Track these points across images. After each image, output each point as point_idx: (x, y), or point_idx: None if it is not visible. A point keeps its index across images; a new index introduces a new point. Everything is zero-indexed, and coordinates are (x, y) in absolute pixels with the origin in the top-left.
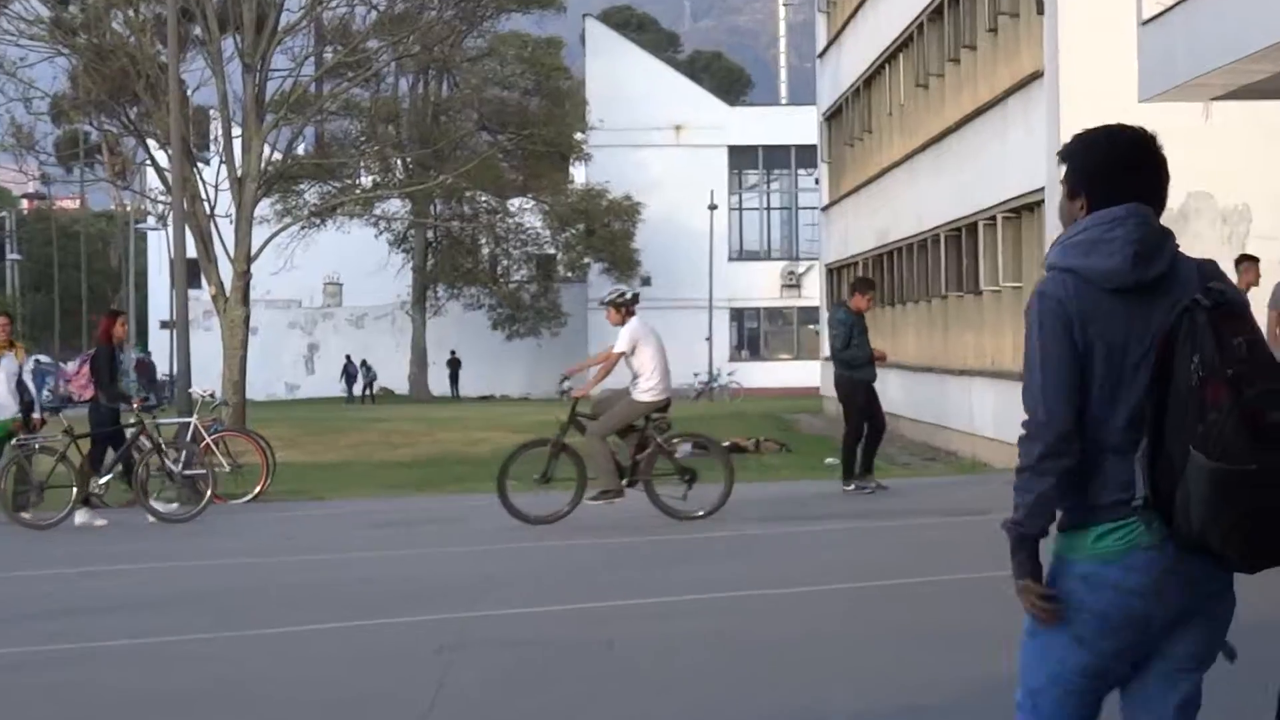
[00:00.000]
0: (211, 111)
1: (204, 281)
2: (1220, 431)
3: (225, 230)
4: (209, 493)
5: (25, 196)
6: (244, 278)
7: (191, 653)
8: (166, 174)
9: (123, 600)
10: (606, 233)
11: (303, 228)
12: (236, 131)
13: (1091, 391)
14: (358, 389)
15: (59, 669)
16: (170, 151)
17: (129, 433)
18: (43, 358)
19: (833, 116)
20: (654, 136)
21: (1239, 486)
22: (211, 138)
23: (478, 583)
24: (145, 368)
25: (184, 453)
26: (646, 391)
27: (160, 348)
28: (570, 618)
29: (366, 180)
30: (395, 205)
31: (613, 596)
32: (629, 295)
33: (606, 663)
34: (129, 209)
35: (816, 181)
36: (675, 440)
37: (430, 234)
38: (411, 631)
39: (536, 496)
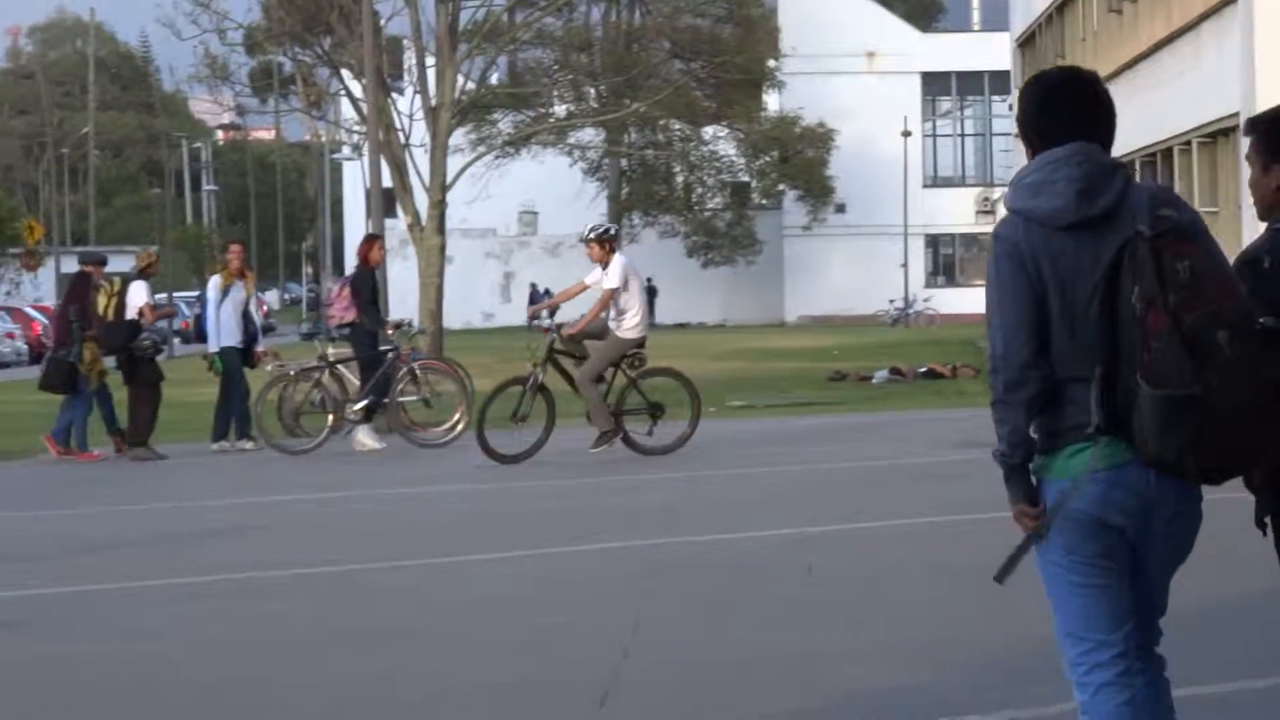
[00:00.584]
0: (405, 41)
1: (399, 211)
2: (1163, 359)
3: (420, 160)
4: (407, 422)
5: (221, 128)
6: (439, 207)
7: (395, 583)
8: (361, 104)
9: (332, 528)
10: (800, 160)
11: (497, 157)
12: (430, 61)
13: (1051, 325)
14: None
15: (267, 598)
16: (364, 82)
17: (388, 357)
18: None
19: (1025, 43)
20: (846, 64)
21: (1184, 410)
22: (405, 67)
23: (665, 511)
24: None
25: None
26: (631, 329)
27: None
28: (770, 543)
29: (560, 109)
30: (589, 134)
31: (811, 522)
32: (612, 230)
33: (806, 586)
34: (324, 139)
35: (1010, 108)
36: (647, 376)
37: (624, 162)
38: (608, 558)
39: (511, 435)
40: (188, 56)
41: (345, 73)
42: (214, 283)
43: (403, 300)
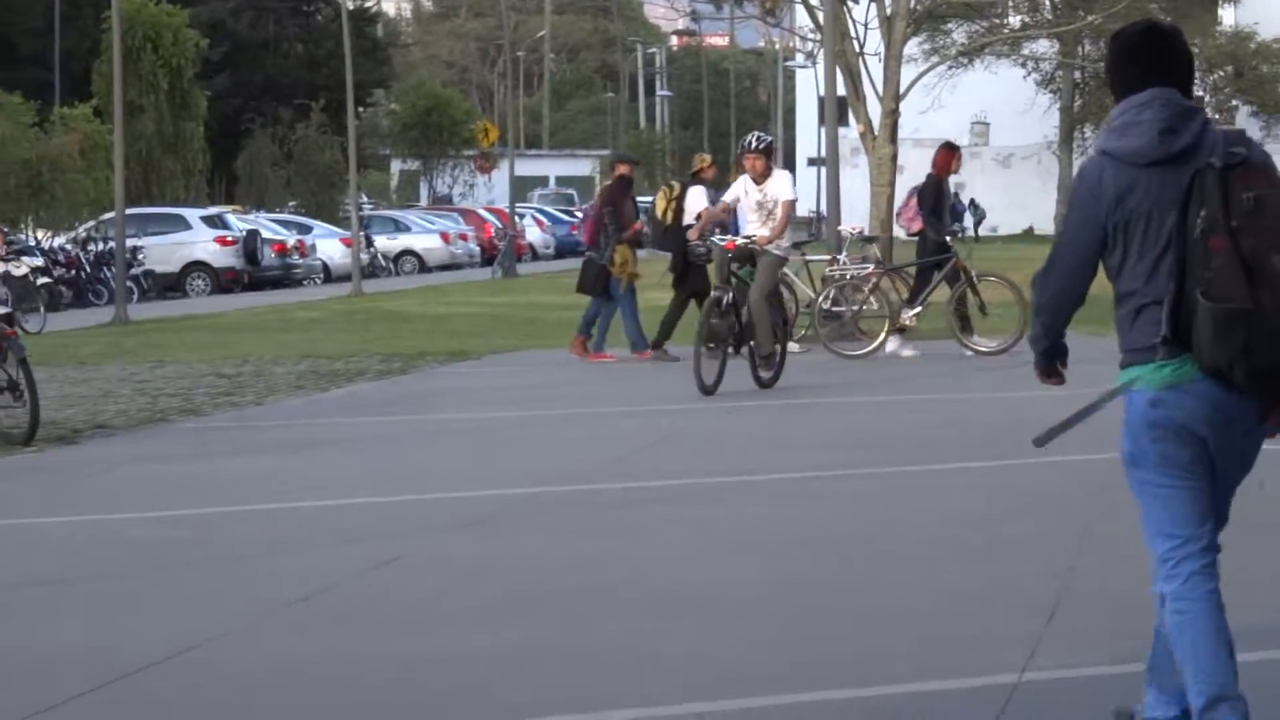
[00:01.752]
0: None
1: (851, 119)
2: (1220, 277)
3: (874, 69)
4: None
5: (675, 33)
6: (892, 116)
7: (842, 490)
8: (817, 11)
9: (794, 437)
10: (1254, 75)
11: (950, 67)
12: None
13: (1133, 255)
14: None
15: (716, 503)
16: None
17: (945, 265)
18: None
19: None
20: None
21: (1235, 323)
22: None
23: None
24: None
25: (833, 290)
26: (784, 249)
27: (807, 184)
28: None
29: (1014, 20)
30: (1043, 45)
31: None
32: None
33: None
34: (777, 46)
35: None
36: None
37: (1078, 74)
38: (1057, 471)
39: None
40: None
41: None
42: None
43: (852, 209)
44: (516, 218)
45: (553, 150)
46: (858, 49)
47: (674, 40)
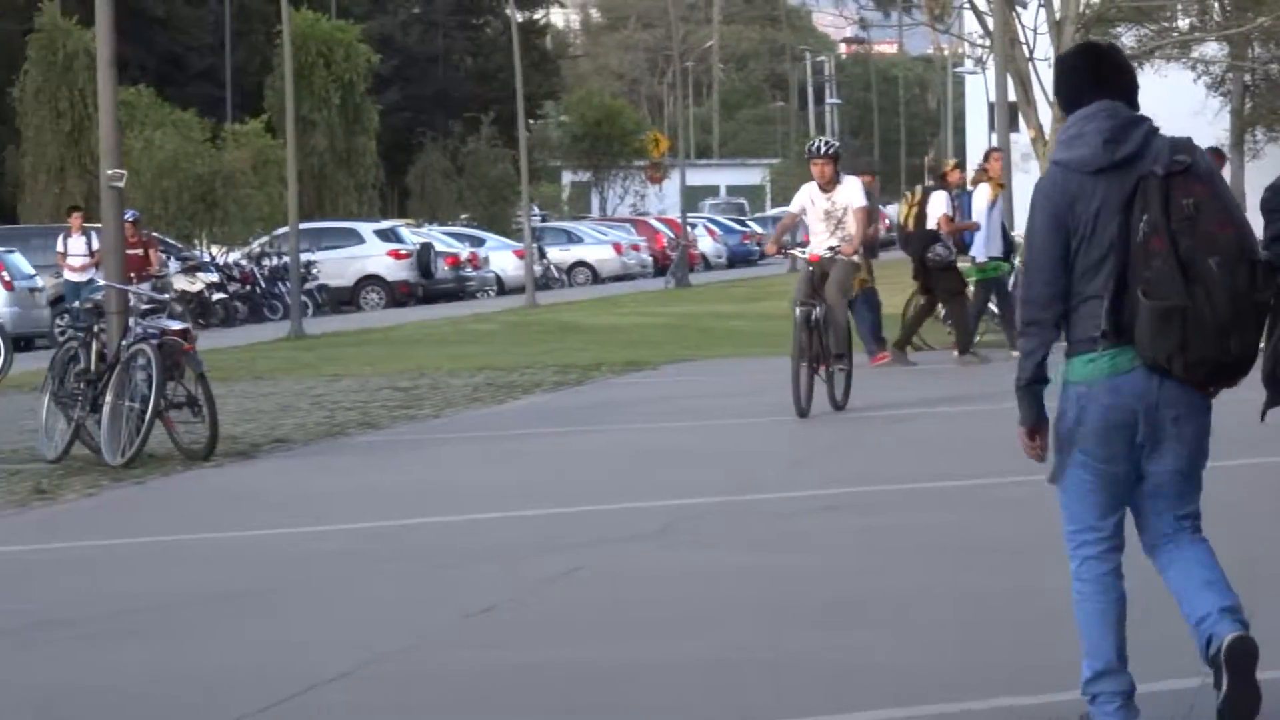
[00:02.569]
0: None
1: (1022, 125)
2: (1159, 276)
3: (1044, 73)
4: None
5: (844, 41)
6: (1061, 121)
7: (1007, 496)
8: (986, 17)
9: (958, 443)
10: None
11: None
12: None
13: (1081, 257)
14: None
15: (891, 511)
16: None
17: None
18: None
19: None
20: None
21: (1173, 320)
22: None
23: None
24: None
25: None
26: (859, 252)
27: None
28: None
29: (1183, 23)
30: (1213, 48)
31: None
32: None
33: None
34: (946, 53)
35: None
36: None
37: (1248, 77)
38: (1225, 476)
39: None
40: None
41: None
42: (982, 190)
43: (1024, 214)
44: (688, 227)
45: (723, 160)
46: (1027, 54)
47: (842, 48)
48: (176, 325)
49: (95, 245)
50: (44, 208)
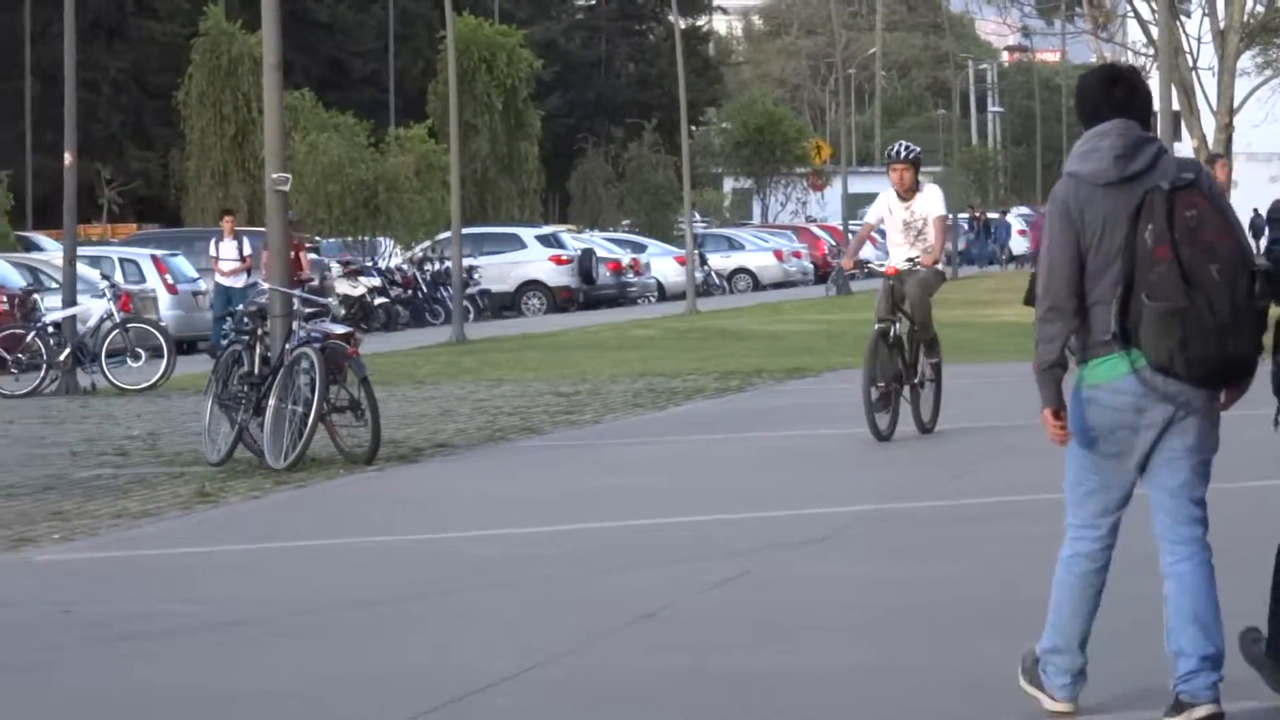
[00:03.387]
0: None
1: (1185, 134)
2: (1162, 281)
3: (1206, 83)
4: None
5: (1007, 49)
6: (1226, 131)
7: None
8: (1150, 26)
9: None
10: None
11: None
12: None
13: (1090, 261)
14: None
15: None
16: (1154, 4)
17: None
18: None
19: None
20: None
21: (1174, 321)
22: None
23: None
24: None
25: None
26: (942, 263)
27: None
28: None
29: None
30: None
31: None
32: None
33: None
34: (1110, 61)
35: None
36: None
37: None
38: None
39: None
40: None
41: None
42: None
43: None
44: (850, 235)
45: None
46: (1191, 63)
47: (1005, 56)
48: (340, 329)
49: (248, 250)
50: (208, 211)
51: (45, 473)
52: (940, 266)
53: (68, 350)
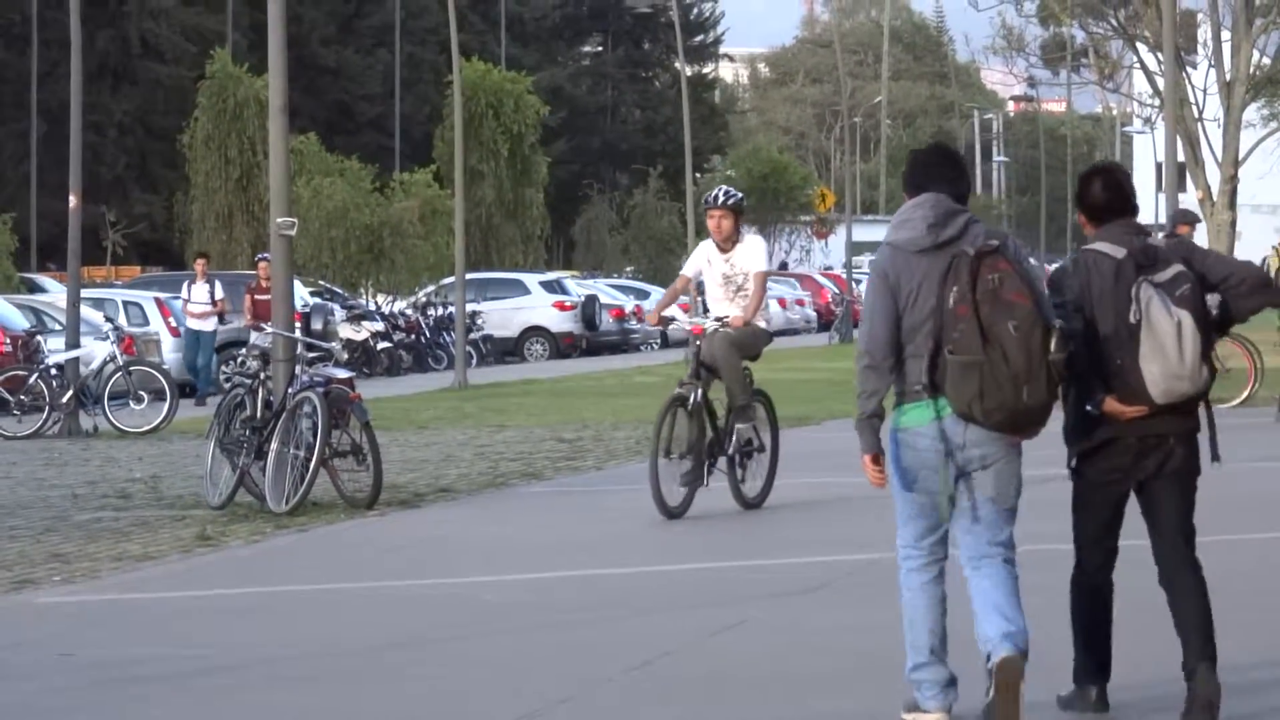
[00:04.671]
0: (1199, 15)
1: (1190, 185)
2: (964, 336)
3: (1212, 134)
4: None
5: (1012, 99)
6: (1231, 182)
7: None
8: (1156, 77)
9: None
10: None
11: None
12: (1225, 35)
13: (906, 319)
14: None
15: None
16: (1160, 55)
17: None
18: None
19: None
20: None
21: (972, 373)
22: (1199, 41)
23: None
24: None
25: None
26: (769, 321)
27: None
28: None
29: None
30: None
31: None
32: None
33: None
34: (1115, 112)
35: None
36: None
37: None
38: None
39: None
40: (983, 28)
41: (1140, 46)
42: None
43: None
44: (853, 283)
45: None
46: (1196, 115)
47: (1011, 106)
48: (343, 374)
49: (219, 294)
50: (212, 255)
51: (47, 515)
52: (763, 325)
53: (70, 392)
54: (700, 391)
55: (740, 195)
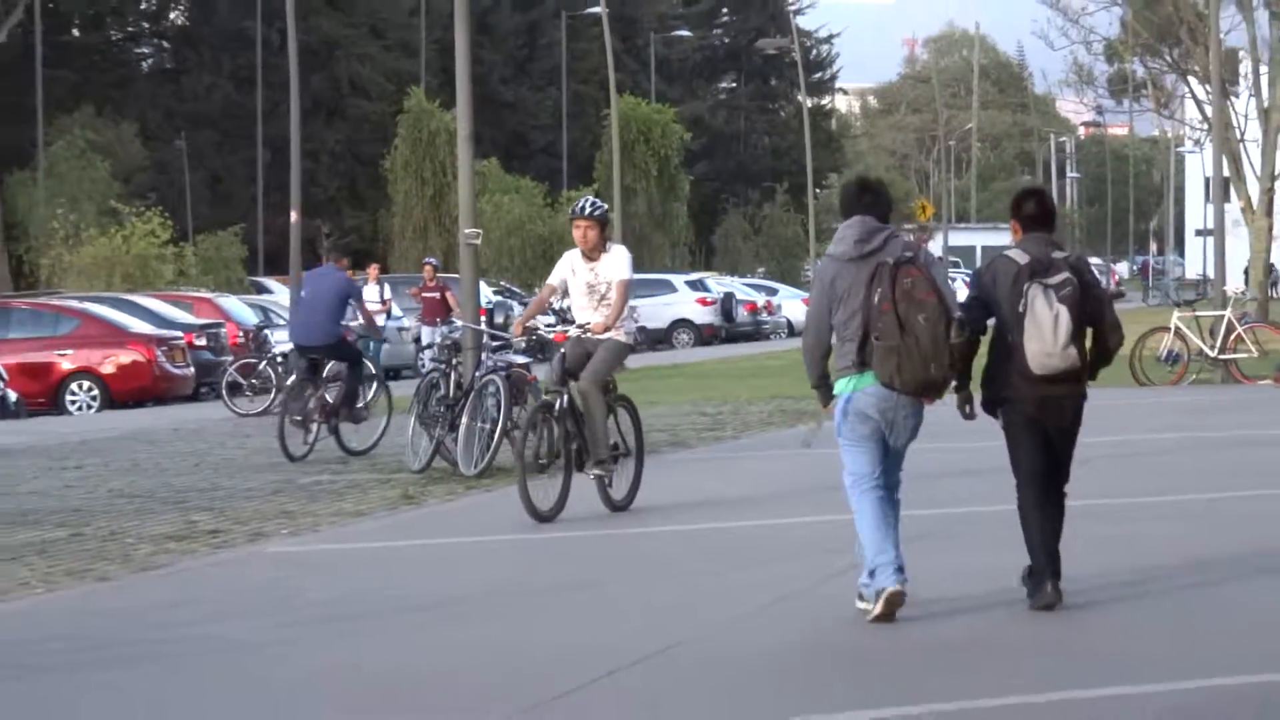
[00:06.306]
0: (1241, 52)
1: (1233, 196)
2: (884, 327)
3: (1252, 152)
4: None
5: (1083, 124)
6: (1269, 194)
7: (1242, 511)
8: (1204, 105)
9: (1207, 465)
10: None
11: None
12: (1264, 69)
13: (839, 313)
14: None
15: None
16: (1208, 87)
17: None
18: (1096, 260)
19: None
20: None
21: (891, 354)
22: (1241, 74)
23: None
24: None
25: (1219, 340)
26: (631, 333)
27: (1195, 253)
28: None
29: None
30: None
31: None
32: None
33: None
34: (1169, 135)
35: None
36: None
37: None
38: None
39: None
40: (1058, 64)
41: (1190, 78)
42: None
43: (1237, 271)
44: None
45: (979, 224)
46: (1239, 136)
47: (1081, 130)
48: (521, 359)
49: (387, 294)
50: (409, 260)
51: (276, 478)
52: (623, 338)
53: (293, 376)
54: (566, 397)
55: (605, 207)
